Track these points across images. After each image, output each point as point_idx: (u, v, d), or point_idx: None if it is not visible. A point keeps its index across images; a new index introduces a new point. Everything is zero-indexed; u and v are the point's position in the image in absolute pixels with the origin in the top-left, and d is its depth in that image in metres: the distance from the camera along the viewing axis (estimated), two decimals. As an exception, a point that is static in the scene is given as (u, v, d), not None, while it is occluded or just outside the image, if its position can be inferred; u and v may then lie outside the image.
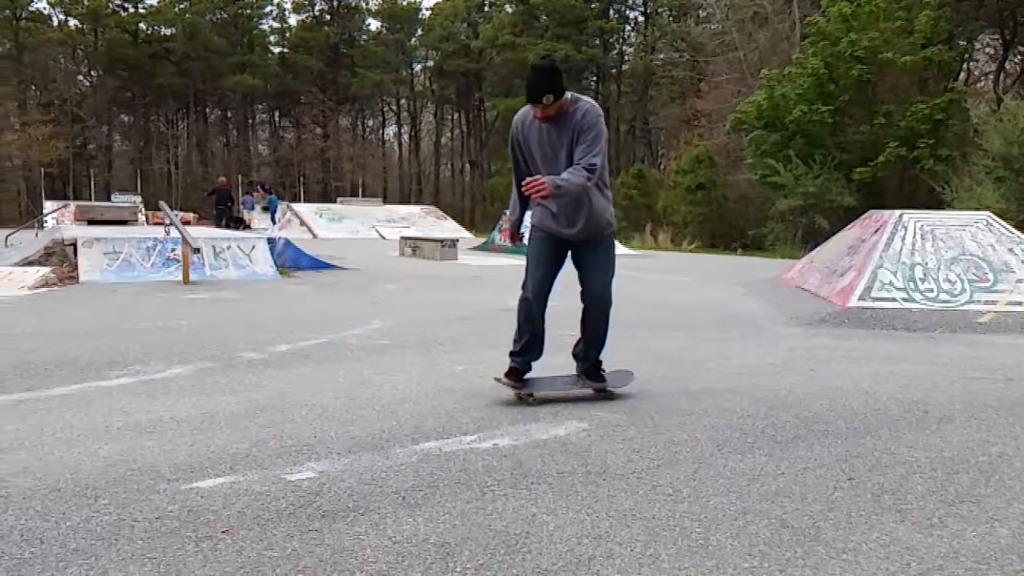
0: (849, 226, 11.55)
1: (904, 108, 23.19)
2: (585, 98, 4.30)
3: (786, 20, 31.77)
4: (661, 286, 12.61)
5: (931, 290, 8.61)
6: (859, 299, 8.60)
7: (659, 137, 59.00)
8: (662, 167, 44.83)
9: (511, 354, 4.61)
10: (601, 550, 2.62)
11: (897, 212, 9.69)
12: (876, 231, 9.69)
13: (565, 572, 2.47)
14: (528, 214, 4.76)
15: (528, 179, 4.05)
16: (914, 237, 9.13)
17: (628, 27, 61.22)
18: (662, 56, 55.97)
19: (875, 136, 23.56)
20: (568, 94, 4.19)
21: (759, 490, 3.22)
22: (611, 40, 60.16)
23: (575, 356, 4.82)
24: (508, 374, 4.58)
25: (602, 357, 4.79)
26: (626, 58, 61.59)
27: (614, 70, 60.34)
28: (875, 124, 23.53)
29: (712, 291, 11.76)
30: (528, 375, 4.66)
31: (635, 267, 17.04)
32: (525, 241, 4.86)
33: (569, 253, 4.62)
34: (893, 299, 8.57)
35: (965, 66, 30.15)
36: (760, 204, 27.40)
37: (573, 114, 4.19)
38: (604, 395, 4.72)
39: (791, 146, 24.22)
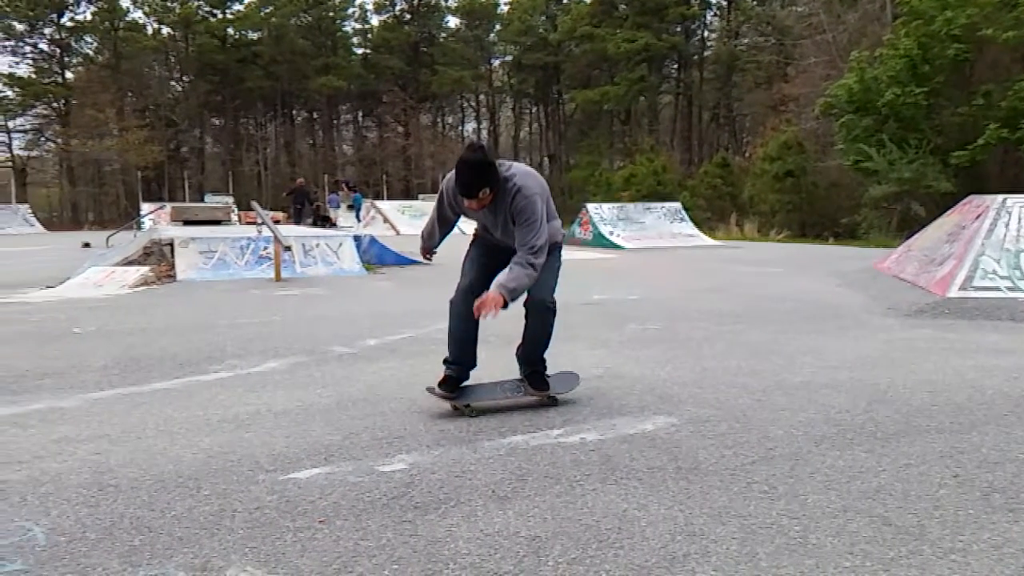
0: (948, 212, 11.03)
1: (1006, 87, 21.96)
2: (516, 170, 4.00)
3: (876, 0, 30.56)
4: (750, 277, 12.32)
5: (1039, 278, 8.15)
6: (960, 289, 8.22)
7: (744, 124, 57.68)
8: (747, 155, 43.78)
9: (445, 361, 4.35)
10: (696, 547, 2.58)
11: (1000, 197, 9.19)
12: (977, 217, 9.23)
13: (659, 569, 2.44)
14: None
15: (478, 303, 3.81)
16: (1019, 223, 8.64)
17: (710, 13, 60.00)
18: (746, 41, 54.78)
19: (974, 118, 22.41)
20: (500, 170, 3.91)
21: (859, 487, 3.11)
22: (693, 27, 59.05)
23: (518, 357, 4.49)
24: (442, 383, 4.28)
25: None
26: (708, 44, 60.39)
27: (696, 57, 59.23)
28: (973, 105, 22.39)
29: (804, 282, 11.43)
30: (466, 383, 4.38)
31: (722, 258, 16.72)
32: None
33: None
34: (997, 288, 8.15)
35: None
36: (852, 191, 26.47)
37: (505, 195, 3.92)
38: (548, 402, 4.41)
39: (884, 130, 23.29)
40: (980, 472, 3.28)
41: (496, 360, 4.71)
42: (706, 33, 61.06)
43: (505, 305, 3.84)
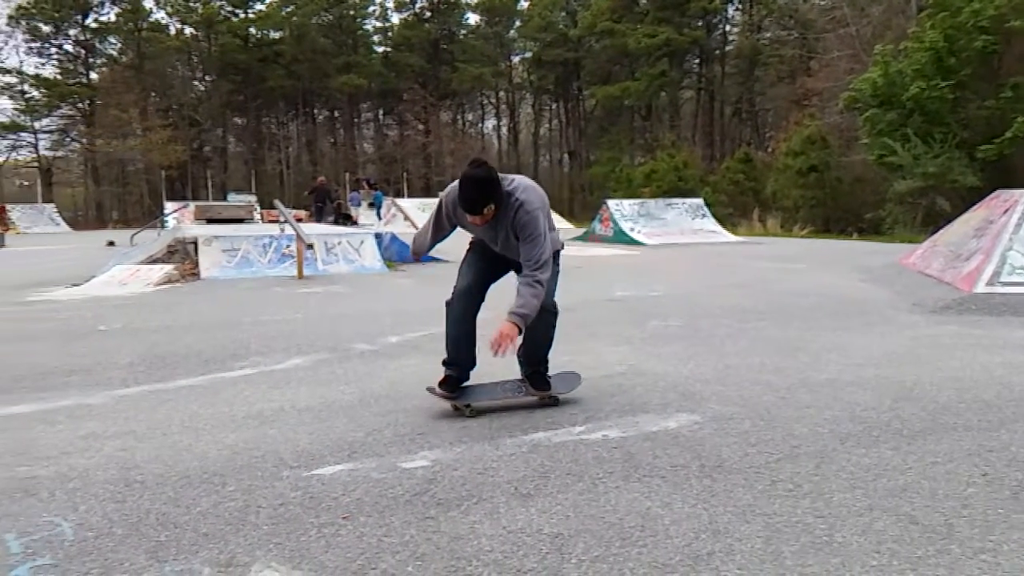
0: (975, 207, 10.89)
1: (1035, 80, 21.66)
2: (517, 184, 3.96)
3: (901, -8, 30.21)
4: (773, 273, 12.23)
5: (1069, 274, 8.01)
6: (987, 284, 8.10)
7: (766, 119, 57.18)
8: (770, 150, 43.42)
9: (444, 362, 4.35)
10: (720, 546, 2.56)
11: (1029, 191, 9.07)
12: (1005, 212, 9.10)
13: (683, 567, 2.42)
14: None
15: (494, 340, 3.77)
16: (1048, 217, 8.51)
17: (732, 7, 59.47)
18: (768, 35, 54.31)
19: (1001, 111, 22.06)
20: (502, 185, 3.88)
21: (885, 485, 3.08)
22: (714, 21, 58.58)
23: (519, 358, 4.41)
24: (442, 383, 4.27)
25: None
26: (730, 38, 59.90)
27: (717, 51, 58.77)
28: (1001, 98, 22.03)
29: (828, 278, 11.33)
30: (467, 383, 4.37)
31: (744, 254, 16.60)
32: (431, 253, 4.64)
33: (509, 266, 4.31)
34: (1025, 283, 8.03)
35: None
36: (877, 186, 26.17)
37: (508, 210, 3.89)
38: (550, 402, 4.35)
39: (909, 124, 23.00)
40: (1009, 470, 3.23)
41: (497, 360, 4.71)
42: (728, 27, 60.54)
43: (520, 331, 3.83)
